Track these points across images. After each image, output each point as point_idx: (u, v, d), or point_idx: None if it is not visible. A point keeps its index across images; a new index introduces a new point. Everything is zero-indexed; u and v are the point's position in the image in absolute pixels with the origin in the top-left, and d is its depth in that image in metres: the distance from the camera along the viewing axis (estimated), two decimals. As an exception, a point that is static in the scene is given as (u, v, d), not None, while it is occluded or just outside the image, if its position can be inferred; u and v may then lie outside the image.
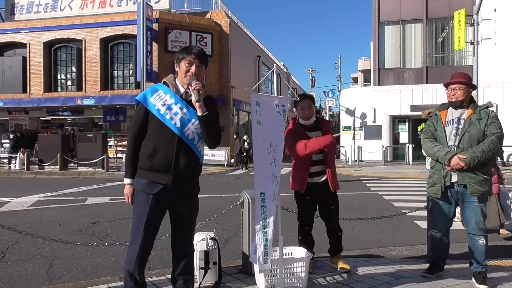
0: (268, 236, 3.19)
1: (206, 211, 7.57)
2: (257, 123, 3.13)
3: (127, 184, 2.81)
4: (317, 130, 3.85)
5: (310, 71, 45.92)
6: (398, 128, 22.17)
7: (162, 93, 2.75)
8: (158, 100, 2.72)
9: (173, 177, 2.71)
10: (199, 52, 2.76)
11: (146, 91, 2.79)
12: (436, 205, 3.67)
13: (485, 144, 3.36)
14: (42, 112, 24.11)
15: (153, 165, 2.70)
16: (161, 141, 2.70)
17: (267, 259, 3.20)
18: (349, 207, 7.73)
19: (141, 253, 2.73)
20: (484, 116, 3.46)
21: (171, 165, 2.69)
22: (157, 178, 2.71)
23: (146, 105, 2.73)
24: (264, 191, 3.16)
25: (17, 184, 13.12)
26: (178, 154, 2.70)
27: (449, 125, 3.57)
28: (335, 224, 3.92)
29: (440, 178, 3.55)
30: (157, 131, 2.71)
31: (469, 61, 21.52)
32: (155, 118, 2.71)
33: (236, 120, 24.03)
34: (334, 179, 3.82)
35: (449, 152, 3.42)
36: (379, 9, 23.78)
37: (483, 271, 3.49)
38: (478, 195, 3.42)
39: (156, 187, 2.71)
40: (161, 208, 2.78)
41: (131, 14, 21.00)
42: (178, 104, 2.73)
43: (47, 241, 4.52)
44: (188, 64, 2.74)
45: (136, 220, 2.75)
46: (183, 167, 2.72)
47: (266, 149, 3.17)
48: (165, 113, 2.70)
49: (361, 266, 4.04)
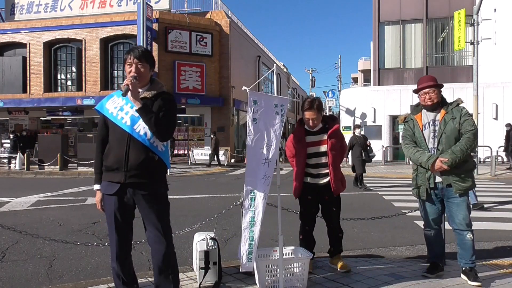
0: (254, 235, 3.19)
1: (206, 211, 7.57)
2: (253, 121, 3.12)
3: (96, 190, 2.94)
4: (323, 132, 3.80)
5: (310, 71, 45.93)
6: (398, 128, 22.15)
7: (116, 97, 2.91)
8: (111, 104, 2.88)
9: (125, 174, 2.77)
10: (139, 52, 2.84)
11: (103, 100, 2.96)
12: (424, 206, 3.76)
13: (462, 143, 3.47)
14: (42, 112, 24.11)
15: (108, 164, 2.83)
16: (115, 141, 2.82)
17: (251, 257, 3.20)
18: (349, 207, 7.72)
19: (118, 253, 2.90)
20: (456, 114, 3.56)
21: (123, 162, 2.77)
22: (112, 178, 2.82)
23: (102, 111, 2.89)
24: (254, 189, 3.16)
25: (17, 184, 13.11)
26: (130, 151, 2.77)
27: (426, 128, 3.66)
28: (336, 225, 3.91)
29: (425, 180, 3.64)
30: (112, 133, 2.86)
31: (469, 61, 21.53)
32: (109, 121, 2.86)
33: (236, 120, 24.02)
34: (337, 183, 3.80)
35: (431, 157, 3.52)
36: (379, 9, 23.77)
37: (473, 266, 3.56)
38: (462, 191, 3.52)
39: (114, 187, 2.81)
40: (125, 207, 2.85)
41: (131, 14, 21.00)
42: (129, 103, 2.82)
43: (47, 241, 4.52)
44: (128, 65, 2.85)
45: (108, 221, 2.91)
46: (135, 163, 2.76)
47: (260, 148, 3.16)
48: (116, 114, 2.83)
49: (361, 266, 4.04)
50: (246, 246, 3.17)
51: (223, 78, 22.46)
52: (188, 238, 5.02)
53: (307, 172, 3.83)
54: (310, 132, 3.83)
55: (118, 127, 2.80)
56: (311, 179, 3.82)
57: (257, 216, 3.18)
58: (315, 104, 3.70)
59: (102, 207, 2.96)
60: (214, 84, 21.98)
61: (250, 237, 3.18)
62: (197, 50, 21.53)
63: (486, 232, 5.81)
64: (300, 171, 3.80)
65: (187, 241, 5.14)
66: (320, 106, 3.74)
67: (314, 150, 3.79)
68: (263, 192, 3.19)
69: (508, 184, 12.16)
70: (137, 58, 2.83)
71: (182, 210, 7.87)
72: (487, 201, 8.46)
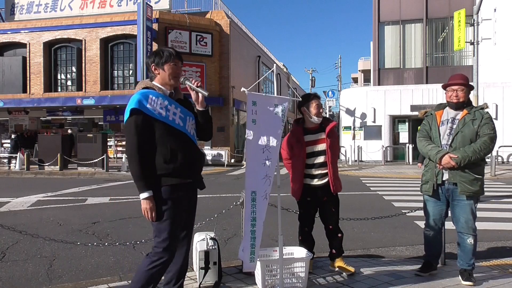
0: (256, 235, 3.18)
1: (206, 211, 7.56)
2: (252, 122, 3.12)
3: (145, 199, 2.61)
4: (320, 132, 3.80)
5: (310, 71, 45.92)
6: (398, 128, 22.16)
7: (154, 97, 2.68)
8: (155, 105, 2.66)
9: (196, 173, 2.85)
10: (178, 53, 2.86)
11: (137, 99, 2.63)
12: (428, 203, 3.74)
13: (477, 144, 3.42)
14: (42, 112, 24.12)
15: (178, 167, 2.69)
16: (175, 142, 2.69)
17: (253, 258, 3.20)
18: (349, 207, 7.72)
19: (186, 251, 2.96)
20: (478, 117, 3.51)
21: (194, 161, 2.80)
22: (183, 179, 2.74)
23: (147, 112, 2.63)
24: (255, 190, 3.16)
25: (17, 184, 13.12)
26: (193, 151, 2.80)
27: (443, 125, 3.64)
28: (335, 226, 3.88)
29: (432, 176, 3.62)
30: (166, 134, 2.68)
31: (469, 61, 21.53)
32: (158, 122, 2.66)
33: (236, 120, 24.03)
34: (336, 182, 3.79)
35: (441, 151, 3.49)
36: (379, 9, 23.78)
37: (469, 269, 3.55)
38: (468, 194, 3.47)
39: (185, 188, 2.76)
40: (191, 206, 2.91)
41: (131, 14, 21.00)
42: (173, 105, 2.75)
43: (47, 241, 4.52)
44: (175, 66, 2.79)
45: (173, 223, 2.70)
46: (199, 162, 2.88)
47: (261, 148, 3.16)
48: (166, 115, 2.69)
49: (361, 266, 4.04)
50: (248, 246, 3.17)
51: (223, 78, 22.46)
52: (188, 238, 5.02)
53: (305, 173, 3.80)
54: (308, 131, 3.83)
55: (173, 128, 2.70)
56: (309, 180, 3.80)
57: (259, 216, 3.19)
58: (316, 94, 3.97)
59: (154, 216, 2.65)
60: (214, 84, 21.98)
61: (252, 238, 3.18)
62: (197, 50, 21.54)
63: (486, 232, 5.81)
64: (299, 172, 3.79)
65: (187, 241, 5.14)
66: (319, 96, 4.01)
67: (312, 150, 3.78)
68: (264, 192, 3.19)
69: (508, 184, 12.17)
70: (180, 59, 2.84)
71: (182, 210, 7.87)
72: (487, 200, 8.46)
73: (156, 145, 2.67)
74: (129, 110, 2.63)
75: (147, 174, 2.62)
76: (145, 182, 2.61)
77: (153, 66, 2.79)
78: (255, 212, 3.17)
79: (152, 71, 2.80)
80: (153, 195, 2.62)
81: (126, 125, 2.66)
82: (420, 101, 20.87)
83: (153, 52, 2.87)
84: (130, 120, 2.63)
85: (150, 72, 2.84)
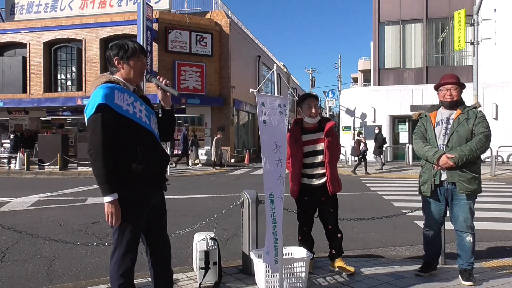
0: (278, 236, 3.20)
1: (206, 211, 7.57)
2: (264, 123, 3.13)
3: (110, 203, 2.42)
4: (319, 131, 3.81)
5: (310, 71, 45.92)
6: (398, 128, 22.15)
7: (120, 93, 2.49)
8: (121, 100, 2.48)
9: (162, 175, 2.73)
10: (143, 48, 2.71)
11: (104, 93, 2.42)
12: (427, 204, 3.75)
13: (473, 143, 3.45)
14: (42, 112, 24.10)
15: (146, 168, 2.51)
16: (143, 142, 2.53)
17: (277, 259, 3.20)
18: (349, 207, 7.73)
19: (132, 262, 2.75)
20: (472, 116, 3.55)
21: (161, 162, 2.66)
22: (152, 180, 2.60)
23: (115, 107, 2.44)
24: (272, 191, 3.17)
25: (17, 184, 13.12)
26: (159, 151, 2.65)
27: (438, 125, 3.67)
28: (334, 226, 3.87)
29: (430, 176, 3.64)
30: (133, 132, 2.51)
31: (469, 61, 21.52)
32: (125, 120, 2.48)
33: (236, 120, 24.02)
34: (333, 182, 3.77)
35: (438, 152, 3.52)
36: (379, 9, 23.77)
37: (469, 268, 3.56)
38: (467, 192, 3.50)
39: (153, 190, 2.62)
40: (155, 210, 2.73)
41: (131, 14, 20.99)
42: (138, 101, 2.60)
43: (47, 241, 4.51)
44: (141, 62, 2.64)
45: (135, 229, 2.60)
46: (165, 162, 2.74)
47: (273, 149, 3.18)
48: (134, 112, 2.53)
49: (361, 266, 4.04)
50: (272, 249, 3.17)
51: (223, 78, 22.46)
52: (188, 238, 5.03)
53: (303, 172, 3.80)
54: (306, 131, 3.83)
55: (139, 126, 2.54)
56: (307, 180, 3.79)
57: (278, 217, 3.20)
58: (312, 93, 4.09)
59: (117, 220, 2.51)
60: (214, 84, 21.97)
61: (275, 239, 3.18)
62: (197, 50, 21.53)
63: (486, 232, 5.81)
64: (296, 172, 3.79)
65: (187, 241, 5.14)
66: (317, 97, 4.04)
67: (311, 149, 3.78)
68: (280, 192, 3.22)
69: (508, 184, 12.16)
70: (145, 55, 2.73)
71: (182, 210, 7.87)
72: (487, 201, 8.46)
73: (118, 144, 2.46)
74: (95, 106, 2.41)
75: (111, 175, 2.42)
76: (110, 184, 2.41)
77: (116, 59, 2.59)
78: (274, 213, 3.19)
79: (115, 65, 2.60)
80: (117, 199, 2.43)
81: (91, 121, 2.43)
82: (420, 101, 20.86)
83: (116, 44, 2.65)
84: (96, 116, 2.41)
85: (111, 65, 2.64)
